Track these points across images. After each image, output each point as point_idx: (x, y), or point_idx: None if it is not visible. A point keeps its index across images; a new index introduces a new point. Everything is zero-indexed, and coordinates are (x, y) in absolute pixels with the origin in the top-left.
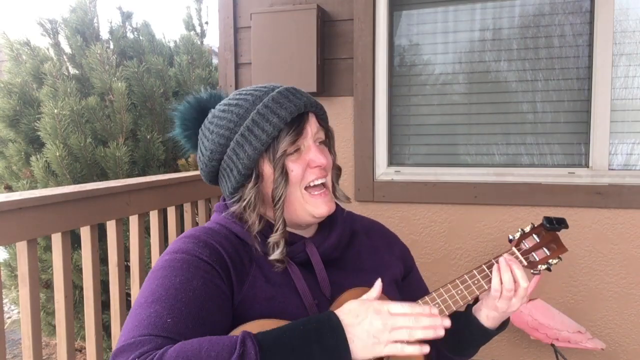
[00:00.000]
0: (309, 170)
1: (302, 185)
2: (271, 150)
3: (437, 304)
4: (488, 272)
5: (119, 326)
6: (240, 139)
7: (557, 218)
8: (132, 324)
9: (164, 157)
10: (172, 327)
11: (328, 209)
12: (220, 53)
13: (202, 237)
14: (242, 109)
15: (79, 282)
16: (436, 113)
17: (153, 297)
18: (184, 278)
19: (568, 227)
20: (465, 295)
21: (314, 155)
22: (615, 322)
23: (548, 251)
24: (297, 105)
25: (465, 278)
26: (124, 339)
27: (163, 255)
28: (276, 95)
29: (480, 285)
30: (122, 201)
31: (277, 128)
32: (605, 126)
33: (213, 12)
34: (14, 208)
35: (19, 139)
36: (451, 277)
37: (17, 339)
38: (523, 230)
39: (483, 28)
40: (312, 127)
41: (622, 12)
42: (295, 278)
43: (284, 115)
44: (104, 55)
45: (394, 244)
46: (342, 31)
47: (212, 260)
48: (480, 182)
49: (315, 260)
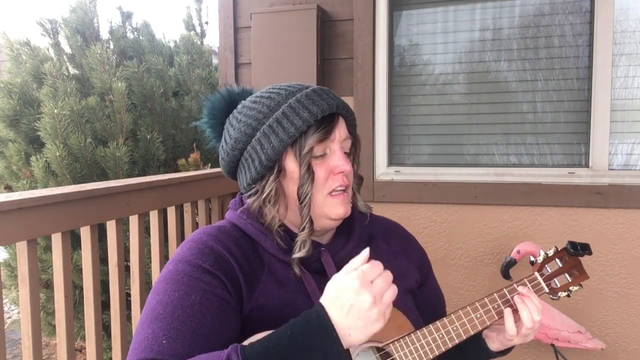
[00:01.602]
0: (332, 176)
1: (324, 191)
2: (297, 145)
3: (454, 327)
4: (509, 297)
5: (119, 326)
6: (267, 130)
7: (582, 244)
8: (134, 344)
9: (164, 157)
10: (168, 349)
11: (345, 209)
12: (220, 53)
13: (209, 242)
14: (273, 102)
15: (79, 282)
16: (436, 113)
17: (152, 315)
18: (183, 293)
19: (591, 253)
20: (484, 320)
21: (338, 161)
22: (615, 322)
23: (570, 277)
24: (329, 104)
25: (485, 302)
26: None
27: (168, 264)
28: (310, 92)
29: (500, 310)
30: (122, 201)
31: (307, 123)
32: (605, 126)
33: (213, 12)
34: (14, 208)
35: (19, 139)
36: (451, 277)
37: (17, 339)
38: (547, 253)
39: (483, 28)
40: (340, 132)
41: (622, 12)
42: (309, 287)
43: (315, 112)
44: (104, 55)
45: (413, 248)
46: (342, 31)
47: (216, 268)
48: (480, 182)
49: (330, 270)
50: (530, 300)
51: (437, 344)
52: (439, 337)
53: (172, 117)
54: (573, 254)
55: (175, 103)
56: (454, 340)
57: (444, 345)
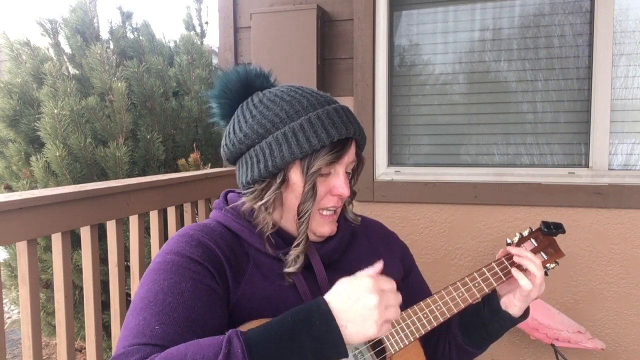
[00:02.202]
0: (328, 196)
1: (317, 206)
2: (306, 161)
3: (439, 305)
4: (489, 275)
5: (119, 326)
6: (280, 137)
7: (555, 223)
8: (123, 333)
9: (164, 157)
10: (161, 334)
11: (330, 229)
12: (220, 53)
13: (196, 235)
14: (293, 109)
15: (79, 282)
16: (436, 113)
17: (142, 304)
18: (173, 281)
19: (565, 232)
20: (466, 297)
21: (339, 184)
22: (615, 322)
23: (546, 255)
24: (348, 129)
25: (466, 280)
26: (116, 350)
27: (156, 257)
28: (332, 111)
29: (481, 287)
30: (122, 201)
31: (322, 144)
32: (605, 126)
33: (213, 12)
34: (14, 208)
35: (19, 139)
36: (451, 277)
37: (17, 339)
38: (521, 234)
39: (483, 28)
40: (349, 156)
41: (622, 12)
42: (296, 278)
43: (332, 134)
44: (104, 55)
45: (393, 243)
46: (342, 31)
47: (204, 259)
48: (480, 182)
49: (315, 261)
50: (524, 253)
51: (423, 322)
52: (424, 316)
53: (172, 117)
54: (547, 233)
55: (175, 103)
56: (440, 318)
57: (432, 322)
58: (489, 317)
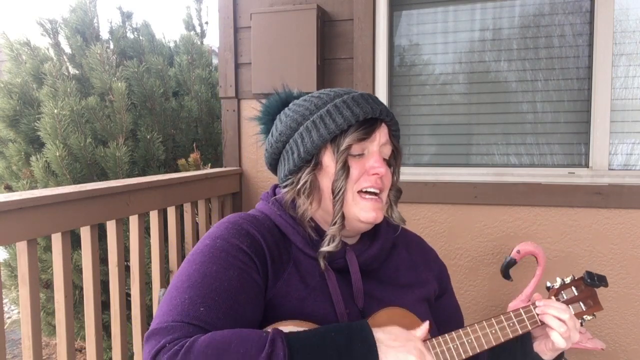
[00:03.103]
0: (365, 176)
1: (355, 188)
2: (336, 142)
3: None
4: (524, 317)
5: (119, 326)
6: (310, 125)
7: (599, 275)
8: (166, 307)
9: (164, 157)
10: (204, 316)
11: (375, 215)
12: (220, 53)
13: (245, 225)
14: (321, 101)
15: (79, 282)
16: (436, 113)
17: (189, 282)
18: (221, 267)
19: (608, 285)
20: (499, 336)
21: (374, 162)
22: (615, 322)
23: (584, 306)
24: (373, 108)
25: (501, 319)
26: (157, 321)
27: (204, 239)
28: (357, 95)
29: (515, 329)
30: (122, 201)
31: (348, 122)
32: (605, 126)
33: (213, 12)
34: (14, 208)
35: (19, 139)
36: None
37: (17, 339)
38: (563, 280)
39: (483, 28)
40: (381, 136)
41: (622, 12)
42: (331, 284)
43: (357, 113)
44: (104, 55)
45: (433, 261)
46: (342, 31)
47: (252, 251)
48: (480, 182)
49: (353, 270)
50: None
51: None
52: (454, 347)
53: (172, 117)
54: (589, 284)
55: (175, 103)
56: (470, 352)
57: (462, 355)
58: (521, 356)
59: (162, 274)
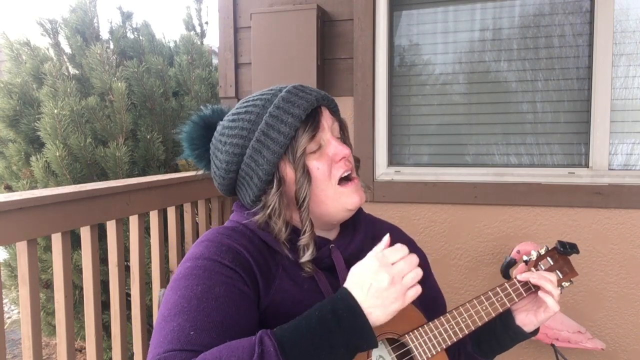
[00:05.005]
0: (334, 165)
1: (332, 182)
2: (290, 151)
3: (463, 318)
4: (510, 290)
5: (119, 326)
6: (256, 145)
7: (570, 243)
8: (157, 340)
9: (164, 157)
10: (196, 339)
11: (359, 196)
12: (220, 53)
13: (225, 240)
14: (252, 115)
15: (79, 282)
16: (436, 113)
17: (176, 310)
18: (206, 286)
19: (579, 252)
20: (489, 311)
21: (336, 148)
22: (615, 322)
23: (561, 274)
24: (308, 100)
25: (489, 295)
26: (151, 356)
27: (184, 262)
28: (285, 95)
29: (503, 302)
30: (122, 201)
31: (294, 127)
32: (605, 126)
33: (213, 12)
34: (14, 208)
35: (19, 139)
36: (451, 277)
37: (17, 339)
38: (539, 252)
39: (483, 28)
40: (327, 120)
41: (622, 12)
42: (322, 285)
43: (298, 113)
44: (104, 55)
45: (412, 249)
46: (342, 31)
47: (235, 264)
48: (480, 182)
49: (340, 268)
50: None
51: (449, 334)
52: (450, 327)
53: (172, 117)
54: (562, 253)
55: (175, 103)
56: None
57: (458, 334)
58: (501, 330)
59: (162, 274)
